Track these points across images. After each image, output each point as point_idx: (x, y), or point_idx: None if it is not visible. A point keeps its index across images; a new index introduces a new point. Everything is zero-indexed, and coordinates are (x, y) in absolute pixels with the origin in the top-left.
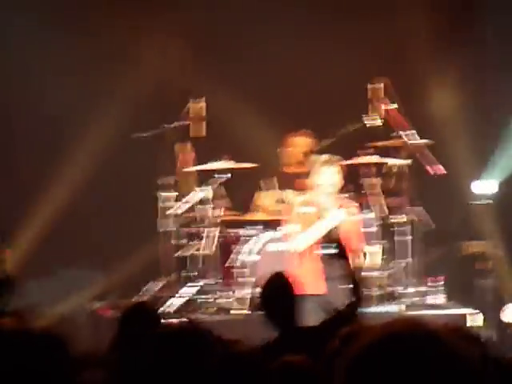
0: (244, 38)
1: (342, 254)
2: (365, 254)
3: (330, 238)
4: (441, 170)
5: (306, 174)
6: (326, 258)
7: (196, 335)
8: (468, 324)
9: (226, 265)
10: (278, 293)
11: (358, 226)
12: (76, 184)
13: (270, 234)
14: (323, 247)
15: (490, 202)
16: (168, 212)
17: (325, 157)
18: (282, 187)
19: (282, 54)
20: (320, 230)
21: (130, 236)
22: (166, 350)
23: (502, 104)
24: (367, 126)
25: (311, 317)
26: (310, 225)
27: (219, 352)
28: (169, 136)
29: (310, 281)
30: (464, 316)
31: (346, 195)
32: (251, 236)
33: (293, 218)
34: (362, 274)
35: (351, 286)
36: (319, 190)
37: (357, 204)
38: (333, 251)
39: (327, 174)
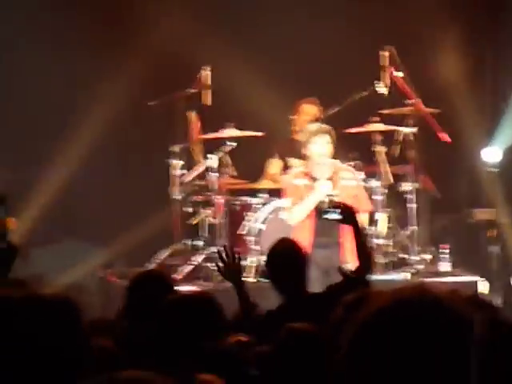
0: (253, 9)
1: (348, 218)
2: (375, 221)
3: (333, 204)
4: (447, 138)
5: None
6: (332, 224)
7: (205, 305)
8: (478, 291)
9: (237, 232)
10: (284, 259)
11: (358, 189)
12: (88, 152)
13: (277, 203)
14: (326, 213)
15: (496, 169)
16: (179, 180)
17: (315, 126)
18: (290, 154)
19: (290, 23)
20: (309, 202)
21: (142, 203)
22: (174, 318)
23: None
24: (376, 93)
25: (316, 284)
26: (302, 197)
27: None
28: (179, 104)
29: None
30: (475, 283)
31: (351, 163)
32: (258, 204)
33: (288, 191)
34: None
35: (362, 250)
36: (310, 160)
37: (352, 169)
38: (337, 217)
39: (318, 144)
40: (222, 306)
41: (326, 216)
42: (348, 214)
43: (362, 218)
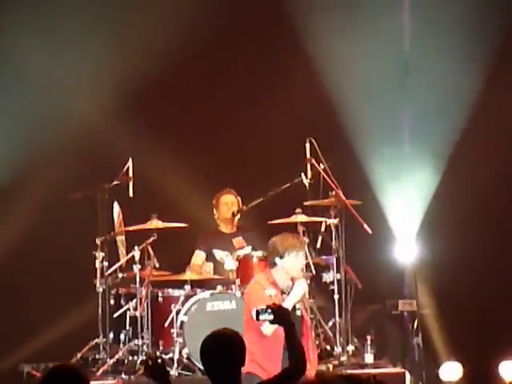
0: (172, 96)
1: (280, 318)
2: None
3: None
4: (368, 229)
5: (236, 234)
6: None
7: None
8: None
9: (161, 325)
10: (216, 352)
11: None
12: (13, 247)
13: (200, 295)
14: (258, 313)
15: (416, 261)
16: (106, 272)
17: (295, 240)
18: (215, 246)
19: (211, 111)
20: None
21: (69, 296)
22: None
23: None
24: (301, 184)
25: None
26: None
27: None
28: (102, 196)
29: (265, 363)
30: (403, 374)
31: None
32: (181, 296)
33: (254, 299)
34: None
35: (295, 351)
36: (281, 270)
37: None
38: (269, 317)
39: (298, 258)
40: None
41: (259, 317)
42: (280, 315)
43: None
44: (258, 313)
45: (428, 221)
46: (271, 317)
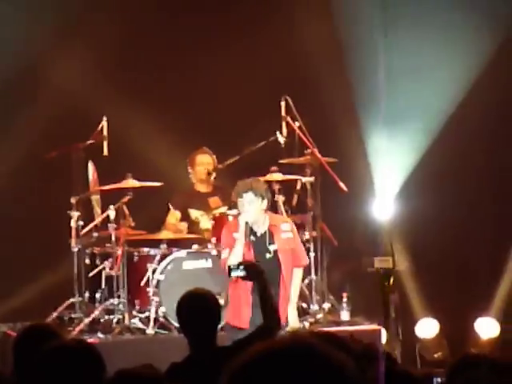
0: (147, 55)
1: (252, 274)
2: None
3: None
4: (343, 187)
5: (212, 193)
6: (234, 280)
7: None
8: (383, 339)
9: (137, 284)
10: (192, 310)
11: (295, 242)
12: None
13: (176, 253)
14: (230, 270)
15: (393, 219)
16: (81, 232)
17: (240, 184)
18: (190, 205)
19: (189, 69)
20: (237, 244)
21: (44, 256)
22: (52, 369)
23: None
24: (276, 142)
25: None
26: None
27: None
28: (77, 155)
29: (235, 311)
30: (379, 331)
31: None
32: (157, 255)
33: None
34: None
35: (268, 308)
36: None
37: (290, 220)
38: (241, 273)
39: (242, 204)
40: (100, 354)
41: (231, 274)
42: (252, 271)
43: (298, 273)
44: (230, 269)
45: (410, 181)
46: (243, 273)
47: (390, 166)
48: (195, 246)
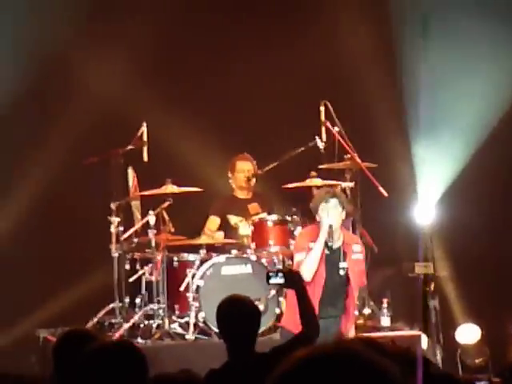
0: (187, 59)
1: (291, 282)
2: None
3: (277, 269)
4: (384, 192)
5: (251, 199)
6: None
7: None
8: (423, 345)
9: (176, 289)
10: (232, 316)
11: (363, 264)
12: (28, 211)
13: (216, 259)
14: (269, 277)
15: (434, 224)
16: (121, 237)
17: (322, 191)
18: (230, 212)
19: (227, 76)
20: (315, 249)
21: (84, 262)
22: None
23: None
24: (316, 147)
25: None
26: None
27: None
28: (117, 161)
29: (292, 315)
30: (419, 337)
31: (289, 219)
32: (197, 260)
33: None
34: None
35: (307, 315)
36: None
37: (360, 241)
38: (280, 281)
39: (324, 211)
40: (144, 355)
41: (269, 281)
42: (291, 278)
43: (355, 294)
44: (268, 276)
45: (452, 189)
46: (282, 280)
47: (433, 172)
48: (234, 252)
